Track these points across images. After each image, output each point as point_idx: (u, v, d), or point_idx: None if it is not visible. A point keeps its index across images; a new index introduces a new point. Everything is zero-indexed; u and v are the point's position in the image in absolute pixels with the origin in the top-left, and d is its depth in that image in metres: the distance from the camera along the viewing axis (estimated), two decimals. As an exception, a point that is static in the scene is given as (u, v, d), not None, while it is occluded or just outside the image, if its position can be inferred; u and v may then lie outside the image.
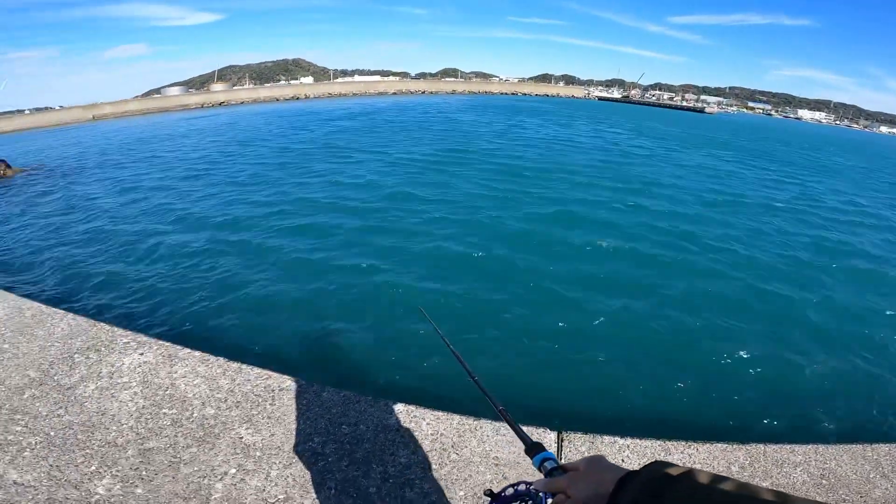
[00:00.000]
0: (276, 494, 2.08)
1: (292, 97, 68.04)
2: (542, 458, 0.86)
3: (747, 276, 6.97)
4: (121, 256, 7.36)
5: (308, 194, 10.81)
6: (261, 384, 2.75)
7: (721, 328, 5.44)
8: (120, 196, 11.41)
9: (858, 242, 9.49)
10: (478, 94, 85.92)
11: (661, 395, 4.28)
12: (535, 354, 4.79)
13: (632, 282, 6.52)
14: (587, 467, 0.75)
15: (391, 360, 4.54)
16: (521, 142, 21.22)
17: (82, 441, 2.30)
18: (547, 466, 0.84)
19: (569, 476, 0.75)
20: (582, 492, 0.71)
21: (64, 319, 3.35)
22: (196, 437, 2.36)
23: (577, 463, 0.77)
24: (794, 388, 4.51)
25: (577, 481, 0.73)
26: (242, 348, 4.67)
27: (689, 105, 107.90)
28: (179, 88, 77.91)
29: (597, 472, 0.72)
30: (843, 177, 20.33)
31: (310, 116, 33.97)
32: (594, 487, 0.69)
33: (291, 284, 6.21)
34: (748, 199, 12.48)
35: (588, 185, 12.48)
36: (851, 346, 5.30)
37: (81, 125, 39.51)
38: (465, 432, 2.47)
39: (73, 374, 2.77)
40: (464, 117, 33.55)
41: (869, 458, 2.51)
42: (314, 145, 18.96)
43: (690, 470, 0.61)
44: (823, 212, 11.92)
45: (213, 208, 9.89)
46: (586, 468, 0.75)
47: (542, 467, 0.84)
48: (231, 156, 16.88)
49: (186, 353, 3.00)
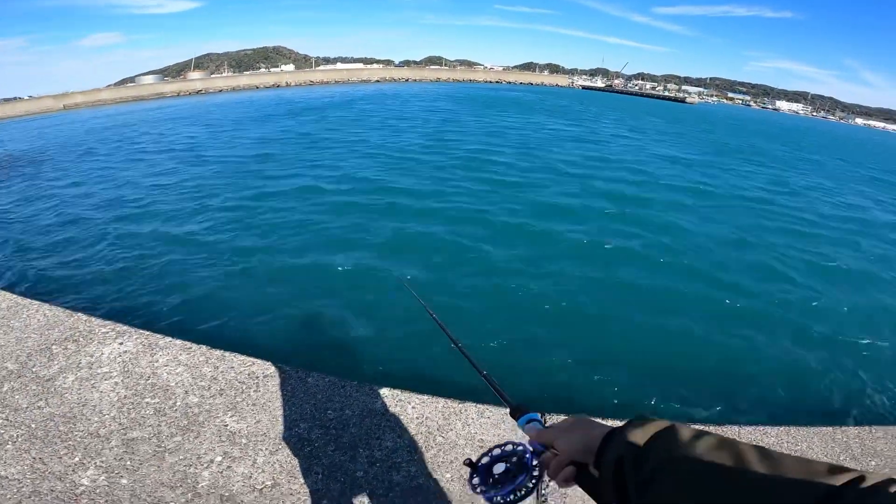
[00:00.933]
0: (263, 481, 2.08)
1: (273, 85, 66.73)
2: (527, 418, 0.87)
3: (727, 267, 7.14)
4: (94, 246, 7.18)
5: (283, 185, 10.66)
6: (244, 371, 2.74)
7: (697, 315, 5.57)
8: (91, 185, 11.11)
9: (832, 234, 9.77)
10: (462, 81, 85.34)
11: (640, 378, 4.37)
12: (518, 337, 4.85)
13: (617, 269, 6.62)
14: (574, 424, 0.76)
15: (376, 344, 4.56)
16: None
17: (64, 433, 2.27)
18: (532, 427, 0.85)
19: (555, 430, 0.77)
20: (570, 447, 0.72)
21: (40, 310, 3.27)
22: (180, 425, 2.34)
23: (562, 422, 0.78)
24: (768, 373, 4.65)
25: (565, 437, 0.74)
26: (225, 336, 4.63)
27: (670, 95, 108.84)
28: (154, 77, 75.82)
29: (585, 428, 0.73)
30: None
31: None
32: (582, 443, 0.71)
33: (272, 271, 6.16)
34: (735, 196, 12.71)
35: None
36: (825, 331, 5.48)
37: (51, 115, 38.17)
38: (451, 415, 2.50)
39: (51, 366, 2.72)
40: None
41: (839, 440, 2.61)
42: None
43: (673, 425, 0.63)
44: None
45: (188, 197, 9.70)
46: (573, 425, 0.76)
47: (528, 428, 0.85)
48: (198, 146, 16.52)
49: (167, 342, 2.96)
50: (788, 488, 0.48)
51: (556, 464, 0.74)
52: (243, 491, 2.03)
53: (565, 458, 0.73)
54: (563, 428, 0.76)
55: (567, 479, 0.72)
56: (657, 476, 0.57)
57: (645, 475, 0.58)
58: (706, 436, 0.58)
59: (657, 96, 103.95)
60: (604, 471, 0.65)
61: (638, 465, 0.60)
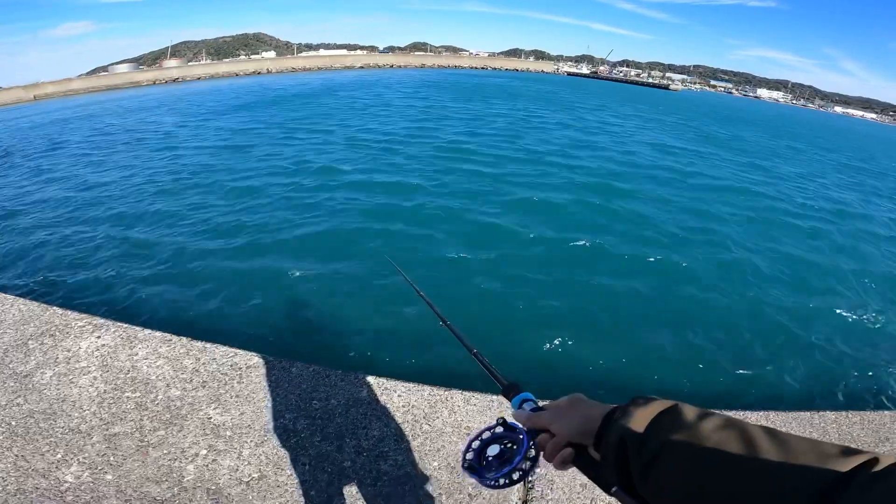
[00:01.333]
0: (249, 473, 2.07)
1: (253, 72, 65.31)
2: (521, 398, 0.84)
3: (718, 253, 7.26)
4: (67, 238, 6.98)
5: (262, 175, 10.49)
6: (227, 362, 2.70)
7: (684, 300, 5.65)
8: (62, 175, 10.78)
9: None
10: (447, 67, 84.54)
11: (626, 362, 4.44)
12: (510, 321, 4.87)
13: (612, 254, 6.67)
14: (569, 404, 0.73)
15: (360, 332, 4.54)
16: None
17: (45, 429, 2.21)
18: (526, 408, 0.81)
19: (551, 412, 0.73)
20: (568, 428, 0.69)
21: (14, 305, 3.18)
22: (163, 419, 2.31)
23: (559, 401, 0.75)
24: (746, 358, 4.73)
25: (561, 418, 0.71)
26: (206, 326, 4.56)
27: (654, 82, 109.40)
28: (129, 65, 73.58)
29: (582, 409, 0.71)
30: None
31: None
32: (581, 424, 0.68)
33: (252, 259, 6.08)
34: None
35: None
36: (803, 317, 5.60)
37: (21, 105, 36.88)
38: (437, 403, 2.50)
39: (28, 362, 2.64)
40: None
41: (817, 425, 2.65)
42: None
43: (676, 404, 0.61)
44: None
45: (165, 187, 9.47)
46: (569, 404, 0.73)
47: (522, 409, 0.82)
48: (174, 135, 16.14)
49: (147, 335, 2.90)
50: (798, 470, 0.46)
51: (552, 446, 0.71)
52: (230, 484, 2.01)
53: (562, 440, 0.70)
54: (559, 408, 0.73)
55: (565, 461, 0.70)
56: (662, 456, 0.56)
57: (648, 457, 0.57)
58: (712, 415, 0.57)
59: (641, 83, 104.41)
60: (605, 452, 0.63)
61: (642, 446, 0.58)
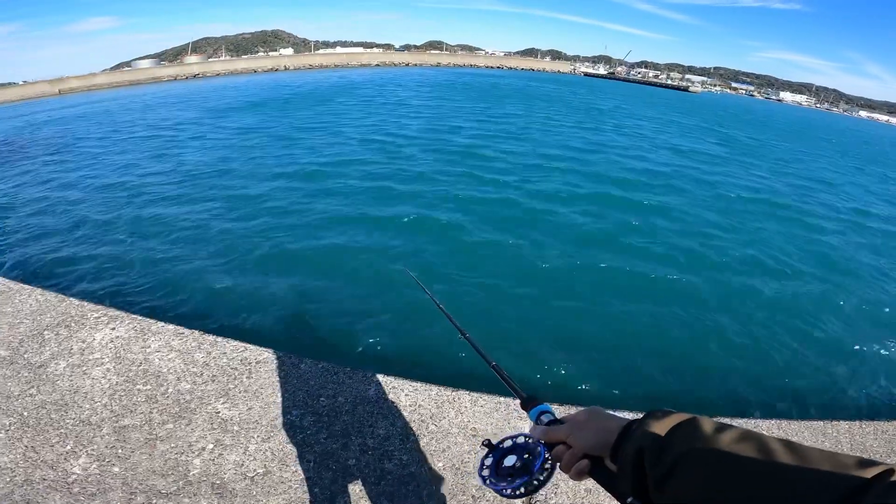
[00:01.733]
0: (254, 469, 2.08)
1: (271, 69, 65.97)
2: (539, 410, 0.84)
3: (739, 265, 7.12)
4: (87, 230, 7.12)
5: (276, 168, 10.57)
6: (237, 357, 2.72)
7: (698, 311, 5.55)
8: (83, 169, 10.99)
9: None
10: (463, 66, 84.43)
11: (643, 371, 4.37)
12: (529, 326, 4.83)
13: (630, 263, 6.59)
14: (586, 417, 0.74)
15: (369, 331, 4.54)
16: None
17: (56, 420, 2.26)
18: (544, 420, 0.82)
19: (568, 426, 0.74)
20: (585, 440, 0.70)
21: (32, 295, 3.25)
22: (172, 412, 2.33)
23: (576, 414, 0.76)
24: (759, 366, 4.64)
25: (579, 430, 0.72)
26: (217, 321, 4.60)
27: (673, 84, 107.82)
28: (151, 61, 75.00)
29: (599, 421, 0.72)
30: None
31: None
32: (598, 436, 0.69)
33: (266, 255, 6.12)
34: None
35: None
36: (820, 326, 5.47)
37: (46, 99, 37.80)
38: (444, 403, 2.49)
39: (43, 352, 2.70)
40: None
41: (829, 434, 2.60)
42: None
43: (694, 417, 0.61)
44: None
45: (183, 182, 9.61)
46: (586, 418, 0.74)
47: (539, 420, 0.83)
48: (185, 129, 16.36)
49: (160, 327, 2.95)
50: (816, 481, 0.46)
51: (569, 457, 0.72)
52: (235, 479, 2.02)
53: (579, 452, 0.71)
54: (577, 421, 0.74)
55: (581, 472, 0.71)
56: (679, 468, 0.56)
57: (665, 468, 0.57)
58: (729, 428, 0.57)
59: (660, 84, 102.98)
60: (622, 463, 0.64)
61: (658, 458, 0.58)
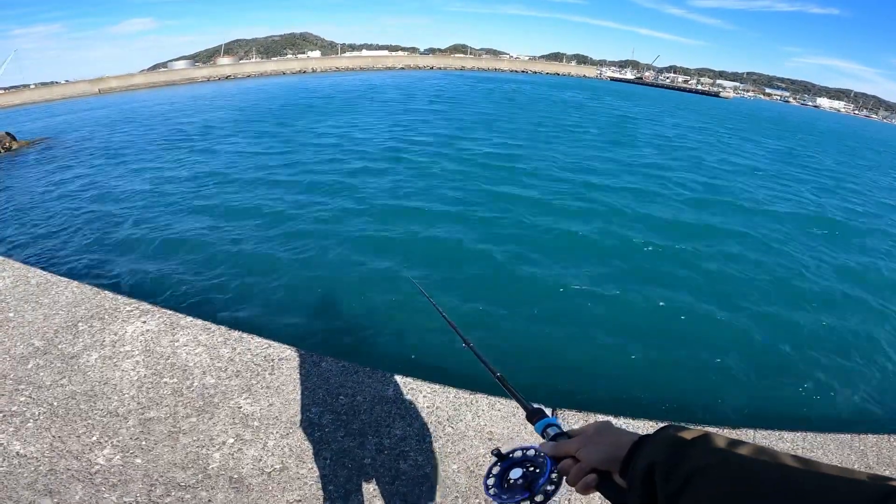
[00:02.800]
0: (272, 464, 2.12)
1: (299, 71, 67.31)
2: (545, 424, 0.84)
3: (748, 268, 6.92)
4: (126, 226, 7.41)
5: (301, 177, 10.75)
6: (261, 353, 2.78)
7: (716, 313, 5.42)
8: (125, 168, 11.42)
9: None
10: (487, 70, 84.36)
11: (655, 377, 4.28)
12: (531, 331, 4.80)
13: (632, 265, 6.49)
14: (596, 431, 0.73)
15: (390, 332, 4.59)
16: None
17: (84, 411, 2.34)
18: (550, 433, 0.81)
19: (577, 440, 0.74)
20: (594, 454, 0.69)
21: (69, 287, 3.38)
22: (196, 406, 2.40)
23: (585, 428, 0.75)
24: (785, 375, 4.50)
25: (588, 445, 0.71)
26: (244, 317, 4.72)
27: (704, 89, 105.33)
28: (186, 62, 77.44)
29: (609, 436, 0.71)
30: None
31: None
32: (608, 451, 0.68)
33: (294, 256, 6.24)
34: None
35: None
36: (844, 336, 5.27)
37: (87, 98, 39.39)
38: (461, 406, 2.49)
39: (76, 343, 2.81)
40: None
41: (855, 447, 2.51)
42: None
43: (706, 433, 0.60)
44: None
45: (221, 181, 9.88)
46: (595, 432, 0.73)
47: (545, 434, 0.82)
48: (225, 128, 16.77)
49: (189, 322, 3.03)
50: (838, 492, 0.45)
51: (577, 471, 0.71)
52: (252, 473, 2.07)
53: (587, 466, 0.70)
54: (587, 435, 0.73)
55: (588, 486, 0.70)
56: (691, 484, 0.55)
57: (678, 484, 0.56)
58: (742, 444, 0.56)
59: (690, 90, 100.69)
60: (632, 479, 0.63)
61: (670, 474, 0.57)
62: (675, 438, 0.61)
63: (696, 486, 0.54)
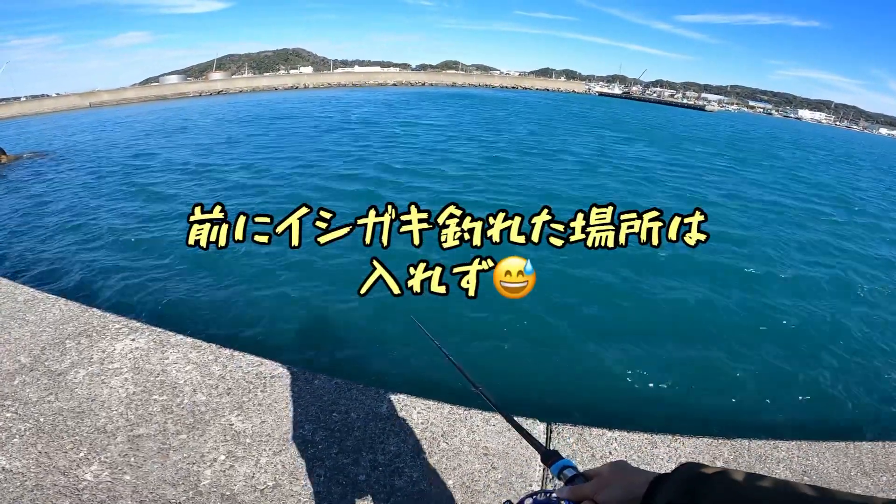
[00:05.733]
0: (265, 481, 2.09)
1: (291, 87, 67.71)
2: (561, 465, 0.84)
3: (739, 279, 7.01)
4: (115, 243, 7.33)
5: (297, 188, 10.77)
6: (252, 371, 2.75)
7: (706, 324, 5.46)
8: (114, 183, 11.35)
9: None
10: (478, 86, 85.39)
11: (648, 389, 4.30)
12: (523, 346, 4.80)
13: (620, 276, 6.53)
14: (613, 472, 0.73)
15: (383, 348, 4.55)
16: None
17: (72, 427, 2.30)
18: (567, 474, 0.82)
19: (595, 482, 0.74)
20: (611, 496, 0.70)
21: (56, 304, 3.34)
22: (186, 423, 2.36)
23: (600, 469, 0.76)
24: (779, 385, 4.53)
25: (605, 486, 0.72)
26: (235, 335, 4.66)
27: (689, 103, 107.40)
28: (178, 77, 77.66)
29: (625, 476, 0.71)
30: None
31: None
32: (624, 491, 0.68)
33: (285, 272, 6.20)
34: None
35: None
36: (836, 344, 5.33)
37: (78, 112, 39.22)
38: (456, 422, 2.48)
39: (63, 360, 2.76)
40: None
41: (851, 455, 2.53)
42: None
43: (724, 470, 0.60)
44: None
45: (208, 196, 9.85)
46: (612, 473, 0.73)
47: (562, 475, 0.82)
48: (221, 145, 16.78)
49: (178, 340, 3.00)
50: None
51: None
52: (244, 491, 2.03)
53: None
54: (604, 477, 0.74)
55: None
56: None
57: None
58: (760, 478, 0.56)
59: (676, 104, 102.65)
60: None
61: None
62: (693, 476, 0.61)
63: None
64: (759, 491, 0.54)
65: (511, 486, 2.14)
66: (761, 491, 0.54)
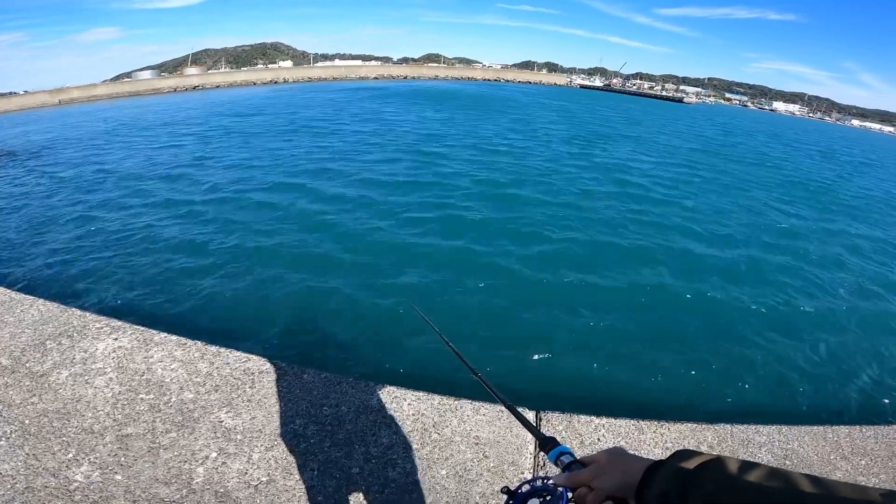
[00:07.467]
0: (258, 477, 2.08)
1: (270, 81, 66.50)
2: (558, 452, 0.85)
3: (729, 266, 7.17)
4: (90, 241, 7.15)
5: (276, 178, 10.64)
6: (240, 367, 2.73)
7: (691, 312, 5.59)
8: (86, 181, 11.04)
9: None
10: (460, 79, 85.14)
11: (633, 376, 4.39)
12: (513, 335, 4.85)
13: (607, 266, 6.63)
14: (610, 459, 0.74)
15: (372, 342, 4.57)
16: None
17: (58, 429, 2.25)
18: (564, 461, 0.83)
19: (591, 469, 0.75)
20: (608, 483, 0.71)
21: (34, 305, 3.25)
22: (175, 421, 2.34)
23: (598, 455, 0.77)
24: (758, 371, 4.67)
25: (602, 473, 0.72)
26: (221, 331, 4.61)
27: (668, 95, 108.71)
28: (151, 72, 75.51)
29: (622, 463, 0.72)
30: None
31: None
32: (621, 478, 0.69)
33: (269, 267, 6.15)
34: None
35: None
36: (815, 330, 5.51)
37: (47, 109, 37.94)
38: (446, 412, 2.50)
39: (45, 361, 2.70)
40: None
41: (829, 439, 2.62)
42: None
43: (719, 457, 0.62)
44: None
45: (186, 194, 9.66)
46: (609, 459, 0.74)
47: (559, 462, 0.83)
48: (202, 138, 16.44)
49: (163, 338, 2.95)
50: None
51: (592, 499, 0.72)
52: (238, 487, 2.02)
53: (602, 494, 0.71)
54: (601, 463, 0.75)
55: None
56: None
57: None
58: (755, 466, 0.57)
59: (655, 96, 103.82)
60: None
61: (684, 500, 0.58)
62: (688, 463, 0.62)
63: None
64: (752, 479, 0.55)
65: (503, 474, 2.17)
66: (755, 479, 0.55)
